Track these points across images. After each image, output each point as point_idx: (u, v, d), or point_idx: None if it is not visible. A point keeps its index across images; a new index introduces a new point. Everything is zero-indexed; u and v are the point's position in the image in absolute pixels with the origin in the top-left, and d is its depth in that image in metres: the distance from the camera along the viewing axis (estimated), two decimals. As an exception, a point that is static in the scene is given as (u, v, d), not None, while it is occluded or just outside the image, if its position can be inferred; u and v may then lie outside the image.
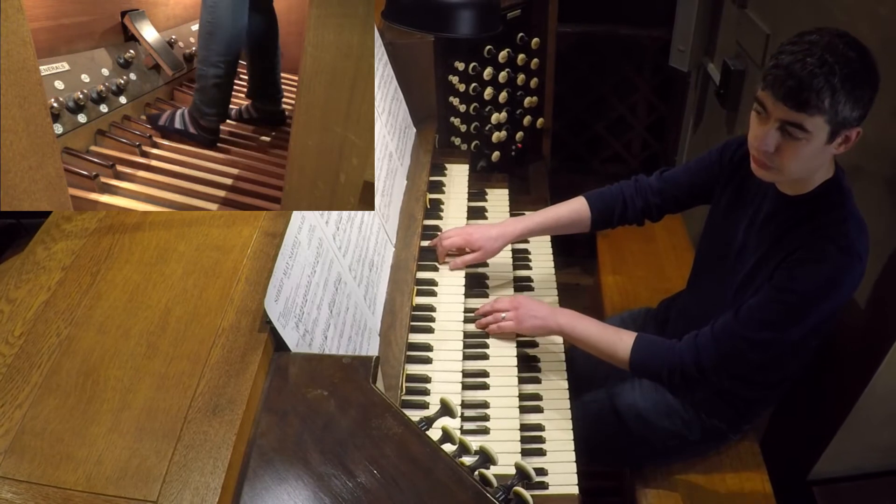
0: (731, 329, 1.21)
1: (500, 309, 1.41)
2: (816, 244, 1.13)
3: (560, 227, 1.52)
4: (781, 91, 1.03)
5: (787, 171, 1.11)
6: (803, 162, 1.09)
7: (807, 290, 1.14)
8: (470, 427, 1.26)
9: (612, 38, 2.41)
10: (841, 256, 1.11)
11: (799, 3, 1.65)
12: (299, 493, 0.76)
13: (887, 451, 1.58)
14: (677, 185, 1.45)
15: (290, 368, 0.88)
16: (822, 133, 1.04)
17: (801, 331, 1.18)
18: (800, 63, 1.01)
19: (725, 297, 1.31)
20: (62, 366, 0.86)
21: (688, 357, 1.26)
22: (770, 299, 1.17)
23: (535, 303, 1.42)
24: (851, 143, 1.08)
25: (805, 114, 1.02)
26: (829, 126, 1.03)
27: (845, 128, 1.05)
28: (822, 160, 1.11)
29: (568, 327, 1.37)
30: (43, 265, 1.00)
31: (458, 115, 1.86)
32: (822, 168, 1.15)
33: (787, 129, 1.05)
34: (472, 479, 0.80)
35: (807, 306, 1.15)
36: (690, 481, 1.45)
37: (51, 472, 0.75)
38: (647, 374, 1.35)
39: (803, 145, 1.06)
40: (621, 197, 1.48)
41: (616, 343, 1.33)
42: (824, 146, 1.06)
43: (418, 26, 1.26)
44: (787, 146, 1.07)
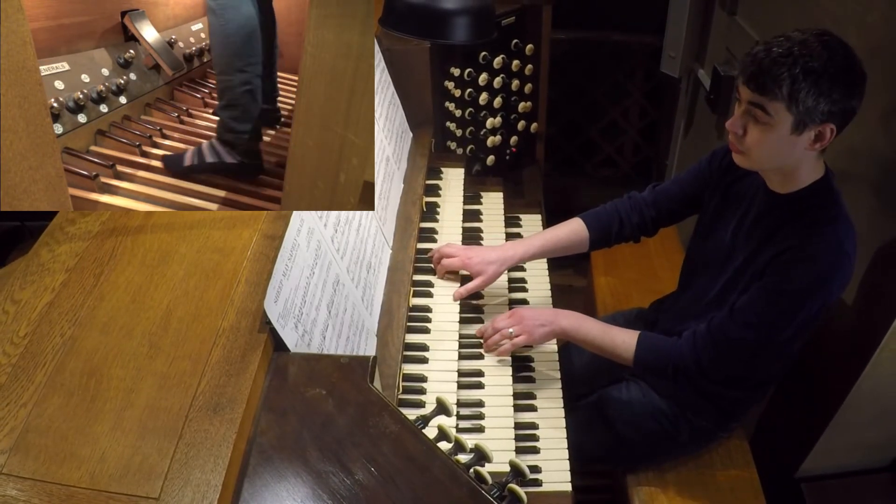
0: (726, 328, 1.25)
1: (501, 327, 1.40)
2: (806, 243, 1.15)
3: (559, 250, 1.51)
4: (747, 74, 1.09)
5: (754, 155, 1.16)
6: (769, 147, 1.13)
7: (798, 289, 1.17)
8: (465, 425, 1.28)
9: (604, 45, 2.44)
10: (831, 255, 1.14)
11: (787, 10, 1.68)
12: (298, 491, 0.77)
13: (874, 449, 1.60)
14: (670, 196, 1.48)
15: (289, 368, 0.89)
16: (785, 121, 1.08)
17: (791, 329, 1.21)
18: (766, 52, 1.08)
19: (714, 295, 1.34)
20: (66, 365, 0.87)
21: (688, 355, 1.29)
22: (762, 299, 1.20)
23: (534, 311, 1.42)
24: (827, 140, 1.10)
25: (765, 97, 1.08)
26: (791, 115, 1.07)
27: (813, 121, 1.08)
28: (797, 155, 1.13)
29: (572, 329, 1.39)
30: (47, 267, 1.01)
31: (453, 119, 1.88)
32: (808, 167, 1.17)
33: (753, 112, 1.11)
34: (467, 476, 0.81)
35: (798, 304, 1.18)
36: (681, 478, 1.47)
37: (55, 470, 0.75)
38: (651, 371, 1.38)
39: (768, 130, 1.10)
40: (616, 215, 1.50)
41: (619, 343, 1.35)
42: (790, 136, 1.10)
43: (415, 33, 1.28)
44: (753, 129, 1.12)
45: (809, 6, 1.57)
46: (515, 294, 1.61)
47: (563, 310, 1.43)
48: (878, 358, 1.37)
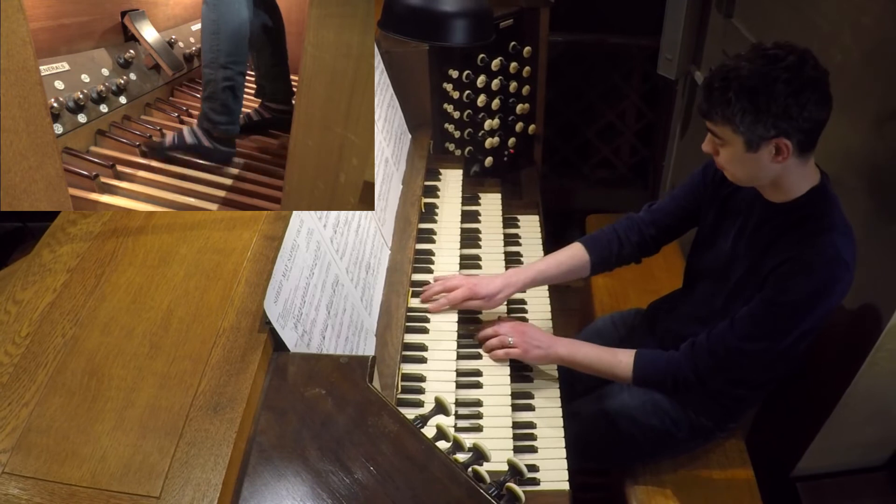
0: (726, 340, 1.26)
1: (503, 333, 1.41)
2: (804, 255, 1.16)
3: (560, 275, 1.51)
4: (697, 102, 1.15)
5: (730, 173, 1.20)
6: (738, 166, 1.17)
7: (797, 301, 1.18)
8: (463, 425, 1.28)
9: (601, 47, 2.45)
10: (829, 267, 1.15)
11: (783, 13, 1.69)
12: (298, 489, 0.77)
13: (869, 449, 1.61)
14: (667, 213, 1.49)
15: (288, 368, 0.90)
16: (736, 142, 1.12)
17: (792, 338, 1.22)
18: (709, 79, 1.13)
19: (717, 303, 1.35)
20: (67, 365, 0.87)
21: (686, 367, 1.31)
22: (762, 311, 1.22)
23: (536, 331, 1.44)
24: (786, 154, 1.11)
25: (711, 122, 1.14)
26: (740, 136, 1.11)
27: (763, 139, 1.10)
28: (775, 168, 1.14)
29: (568, 357, 1.41)
30: (49, 267, 1.01)
31: (452, 121, 1.89)
32: (796, 176, 1.18)
33: (711, 136, 1.17)
34: (465, 475, 0.82)
35: (798, 316, 1.19)
36: (678, 477, 1.48)
37: (56, 469, 0.76)
38: (650, 386, 1.40)
39: (728, 150, 1.15)
40: (615, 236, 1.51)
41: (616, 364, 1.38)
42: (748, 154, 1.13)
43: (413, 35, 1.28)
44: (721, 150, 1.17)
45: (804, 9, 1.58)
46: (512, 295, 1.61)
47: (562, 338, 1.44)
48: (873, 358, 1.38)
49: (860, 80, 1.38)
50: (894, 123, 1.29)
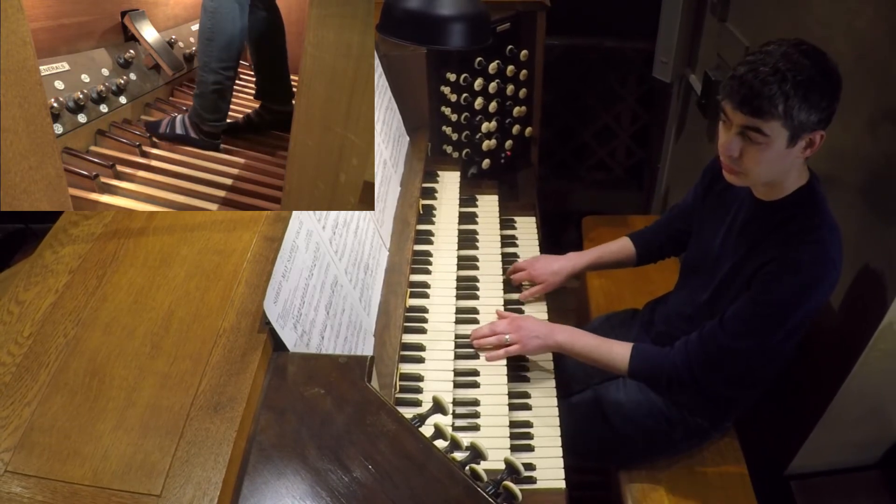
0: (716, 338, 1.27)
1: (499, 331, 1.42)
2: (791, 253, 1.17)
3: (611, 263, 1.67)
4: (738, 98, 1.09)
5: (752, 174, 1.16)
6: (767, 165, 1.13)
7: (784, 299, 1.19)
8: (461, 424, 1.29)
9: (597, 50, 2.47)
10: (815, 266, 1.16)
11: (777, 16, 1.71)
12: (297, 488, 0.78)
13: (863, 447, 1.62)
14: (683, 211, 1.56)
15: (288, 368, 0.90)
16: (781, 137, 1.09)
17: (780, 335, 1.24)
18: (753, 72, 1.07)
19: (702, 298, 1.37)
20: (69, 365, 0.88)
21: (680, 364, 1.33)
22: (750, 309, 1.23)
23: (532, 321, 1.45)
24: (816, 146, 1.12)
25: (761, 119, 1.08)
26: (786, 130, 1.08)
27: (805, 131, 1.09)
28: (789, 164, 1.15)
29: (567, 344, 1.42)
30: (51, 268, 1.02)
31: (449, 124, 1.90)
32: (795, 173, 1.19)
33: (748, 134, 1.11)
34: (463, 473, 0.82)
35: (785, 313, 1.21)
36: (673, 475, 1.49)
37: (58, 468, 0.76)
38: (645, 381, 1.42)
39: (764, 149, 1.11)
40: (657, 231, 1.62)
41: (613, 355, 1.39)
42: (786, 150, 1.11)
43: (411, 39, 1.29)
44: (749, 150, 1.12)
45: (798, 12, 1.60)
46: (510, 294, 1.62)
47: (559, 325, 1.45)
48: (866, 357, 1.39)
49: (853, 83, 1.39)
50: (887, 125, 1.31)
